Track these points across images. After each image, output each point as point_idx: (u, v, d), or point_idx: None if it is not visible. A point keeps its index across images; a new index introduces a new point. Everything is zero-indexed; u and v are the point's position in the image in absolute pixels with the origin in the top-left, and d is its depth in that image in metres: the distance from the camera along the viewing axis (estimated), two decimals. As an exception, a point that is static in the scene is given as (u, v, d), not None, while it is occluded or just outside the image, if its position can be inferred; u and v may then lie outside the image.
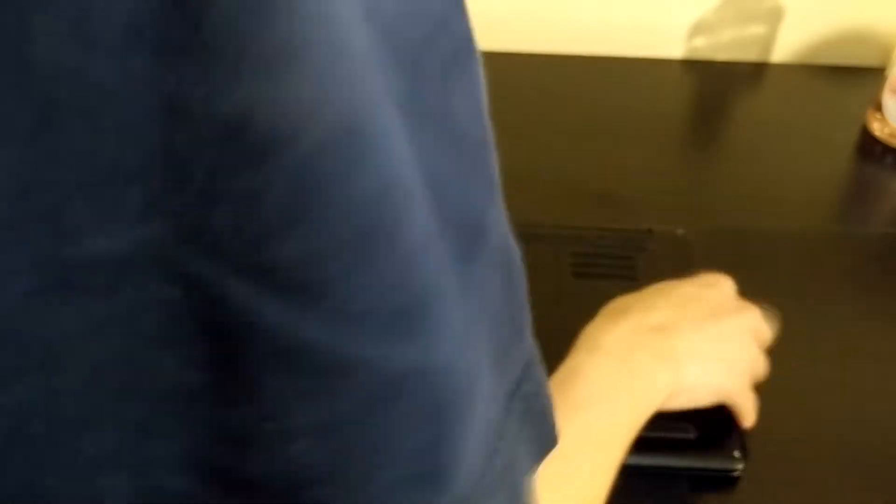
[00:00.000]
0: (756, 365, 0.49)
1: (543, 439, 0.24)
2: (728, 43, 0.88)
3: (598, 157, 0.75)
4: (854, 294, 0.63)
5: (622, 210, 0.67)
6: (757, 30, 0.88)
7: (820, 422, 0.54)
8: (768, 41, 0.88)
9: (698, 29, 0.88)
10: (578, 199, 0.70)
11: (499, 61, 0.96)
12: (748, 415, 0.48)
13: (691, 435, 0.49)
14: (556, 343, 0.53)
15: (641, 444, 0.49)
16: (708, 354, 0.46)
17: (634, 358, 0.42)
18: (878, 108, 0.77)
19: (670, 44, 0.88)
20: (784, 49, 0.89)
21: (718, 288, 0.49)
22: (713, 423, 0.50)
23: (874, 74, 0.81)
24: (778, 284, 0.63)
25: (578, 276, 0.58)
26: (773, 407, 0.55)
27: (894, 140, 0.77)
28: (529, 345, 0.24)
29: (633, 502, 0.48)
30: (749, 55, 0.89)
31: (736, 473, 0.50)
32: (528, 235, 0.63)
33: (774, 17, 0.87)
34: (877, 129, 0.78)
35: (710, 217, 0.69)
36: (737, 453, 0.50)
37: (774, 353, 0.58)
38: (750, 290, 0.63)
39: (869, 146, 0.78)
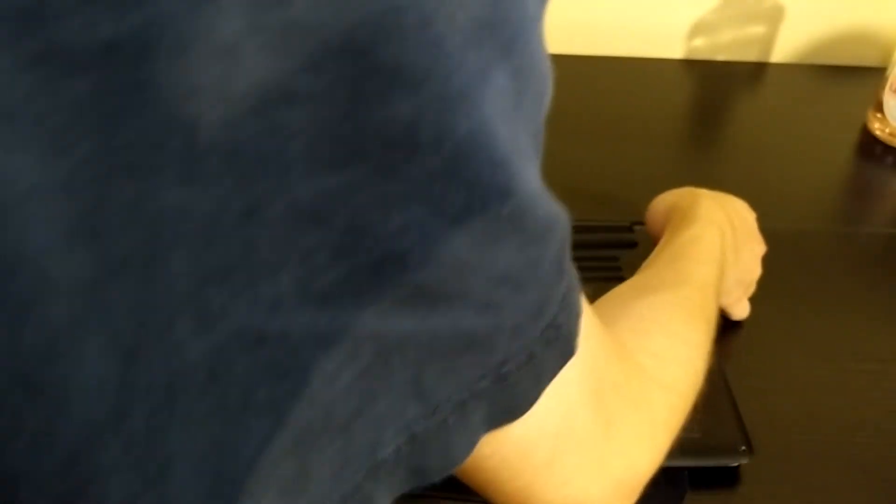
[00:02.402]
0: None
1: (566, 354, 0.29)
2: (728, 43, 0.88)
3: (597, 157, 0.75)
4: (854, 294, 0.63)
5: (622, 210, 0.67)
6: (757, 30, 0.88)
7: (820, 421, 0.54)
8: (768, 41, 0.88)
9: (698, 29, 0.88)
10: (578, 199, 0.69)
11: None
12: (741, 313, 0.59)
13: (696, 434, 0.49)
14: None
15: None
16: (742, 271, 0.56)
17: (727, 242, 0.52)
18: (878, 108, 0.77)
19: (670, 44, 0.88)
20: (784, 49, 0.89)
21: (752, 218, 0.59)
22: (716, 420, 0.51)
23: (874, 74, 0.81)
24: (778, 284, 0.63)
25: None
26: (774, 406, 0.55)
27: (894, 140, 0.77)
28: (569, 278, 0.29)
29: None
30: (749, 55, 0.89)
31: (738, 466, 0.50)
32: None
33: (774, 17, 0.87)
34: (877, 129, 0.78)
35: (710, 217, 0.69)
36: (743, 448, 0.50)
37: (776, 352, 0.58)
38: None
39: (869, 146, 0.78)
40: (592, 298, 0.55)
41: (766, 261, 0.65)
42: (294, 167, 0.20)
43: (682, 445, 0.49)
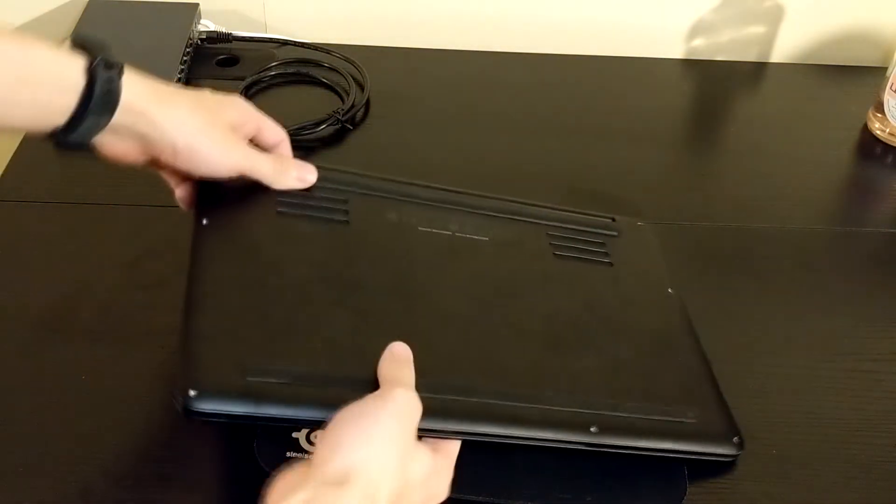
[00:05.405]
0: None
1: None
2: (728, 43, 0.88)
3: (597, 157, 0.75)
4: (854, 294, 0.63)
5: (621, 209, 0.67)
6: (757, 30, 0.88)
7: (819, 420, 0.54)
8: (768, 41, 0.88)
9: (698, 29, 0.88)
10: (578, 198, 0.70)
11: (499, 61, 0.97)
12: None
13: (691, 419, 0.49)
14: (543, 322, 0.53)
15: (641, 428, 0.49)
16: None
17: None
18: (879, 108, 0.77)
19: (670, 44, 0.88)
20: (784, 49, 0.89)
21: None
22: (712, 408, 0.51)
23: (874, 74, 0.81)
24: (778, 284, 0.64)
25: (559, 257, 0.58)
26: (774, 405, 0.55)
27: (894, 140, 0.77)
28: None
29: (630, 489, 0.49)
30: (749, 55, 0.89)
31: (733, 459, 0.50)
32: (506, 218, 0.63)
33: (774, 17, 0.87)
34: (877, 129, 0.78)
35: (710, 216, 0.69)
36: (736, 439, 0.50)
37: (775, 352, 0.58)
38: (750, 290, 0.63)
39: (869, 146, 0.78)
40: (584, 276, 0.56)
41: (766, 261, 0.65)
42: None
43: (676, 430, 0.49)
